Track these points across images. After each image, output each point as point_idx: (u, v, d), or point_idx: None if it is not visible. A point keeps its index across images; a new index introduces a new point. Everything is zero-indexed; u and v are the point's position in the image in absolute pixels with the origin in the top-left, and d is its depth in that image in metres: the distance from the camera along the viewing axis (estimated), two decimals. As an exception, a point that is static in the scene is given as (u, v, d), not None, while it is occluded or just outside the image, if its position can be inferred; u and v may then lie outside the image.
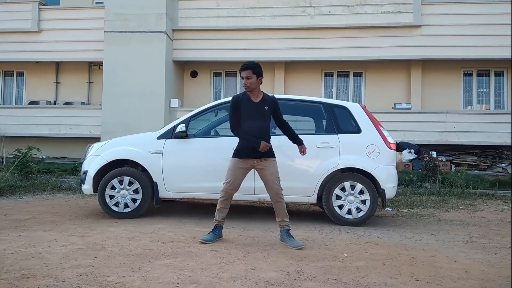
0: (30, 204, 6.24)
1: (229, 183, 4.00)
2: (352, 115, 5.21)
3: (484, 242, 4.38)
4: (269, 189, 4.01)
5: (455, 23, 10.43)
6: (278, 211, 4.02)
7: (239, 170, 4.01)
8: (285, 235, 3.99)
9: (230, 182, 3.99)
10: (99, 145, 5.46)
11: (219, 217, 4.07)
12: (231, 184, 4.00)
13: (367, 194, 4.96)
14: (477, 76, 11.30)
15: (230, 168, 4.04)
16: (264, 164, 3.99)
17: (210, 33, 11.11)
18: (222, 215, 4.07)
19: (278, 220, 4.04)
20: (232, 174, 4.00)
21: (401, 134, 10.15)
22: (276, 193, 3.97)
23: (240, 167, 4.01)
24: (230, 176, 4.00)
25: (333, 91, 11.77)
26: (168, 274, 3.00)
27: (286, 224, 4.01)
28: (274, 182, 3.97)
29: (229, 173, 4.02)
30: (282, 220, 4.01)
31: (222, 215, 4.07)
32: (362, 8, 10.62)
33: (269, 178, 3.98)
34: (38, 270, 3.03)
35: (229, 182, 3.99)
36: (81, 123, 11.49)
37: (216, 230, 4.05)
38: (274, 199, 4.00)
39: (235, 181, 4.00)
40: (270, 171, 4.00)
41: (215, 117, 5.63)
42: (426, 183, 8.35)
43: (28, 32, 11.67)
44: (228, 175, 4.02)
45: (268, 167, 4.00)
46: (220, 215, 4.07)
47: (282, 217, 4.00)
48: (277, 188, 3.97)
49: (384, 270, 3.25)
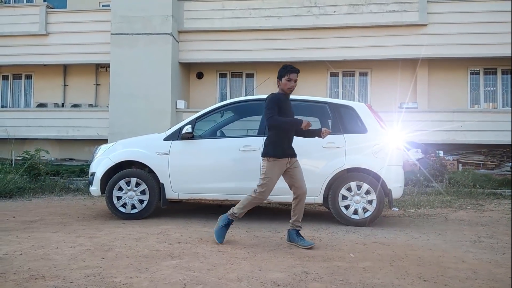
0: (39, 205, 6.30)
1: (267, 188, 3.84)
2: (358, 115, 5.20)
3: (492, 242, 4.34)
4: (300, 188, 3.93)
5: (461, 21, 10.37)
6: (299, 211, 3.97)
7: (278, 172, 3.88)
8: (295, 235, 3.97)
9: (269, 187, 3.85)
10: (106, 147, 5.50)
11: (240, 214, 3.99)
12: (268, 190, 3.86)
13: (374, 194, 4.95)
14: (484, 75, 11.22)
15: (268, 171, 3.85)
16: (295, 164, 3.99)
17: (216, 34, 11.15)
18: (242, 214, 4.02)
19: (294, 220, 3.98)
20: (271, 178, 3.84)
21: (408, 134, 10.09)
22: (304, 192, 3.95)
23: (279, 169, 3.89)
24: (269, 180, 3.84)
25: (338, 91, 11.75)
26: (175, 275, 3.02)
27: (300, 224, 4.01)
28: (303, 182, 3.96)
29: (268, 177, 3.84)
30: (297, 220, 3.98)
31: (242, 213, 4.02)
32: (367, 7, 10.59)
33: (300, 177, 3.96)
34: (47, 271, 3.06)
35: (267, 186, 3.84)
36: (88, 125, 11.58)
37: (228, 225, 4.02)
38: (300, 198, 3.95)
39: (272, 186, 3.88)
40: (300, 169, 4.00)
41: (221, 118, 5.65)
42: (433, 183, 8.30)
43: (36, 35, 11.79)
44: (267, 180, 3.84)
45: (299, 166, 4.00)
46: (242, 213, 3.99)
47: (300, 217, 3.99)
48: (305, 188, 3.96)
49: (391, 270, 3.24)
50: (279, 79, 4.00)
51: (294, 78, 3.95)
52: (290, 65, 3.99)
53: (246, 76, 12.17)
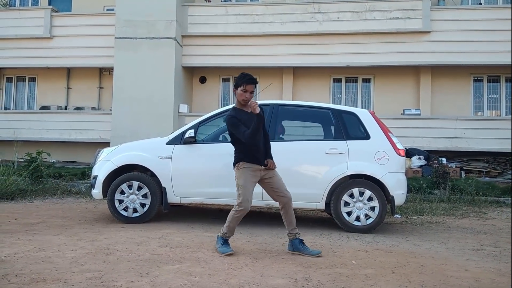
0: (40, 208, 6.30)
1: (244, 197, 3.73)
2: (360, 121, 5.19)
3: (495, 250, 4.32)
4: (284, 196, 3.84)
5: (464, 28, 10.37)
6: (290, 219, 3.88)
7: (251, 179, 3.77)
8: (298, 244, 3.87)
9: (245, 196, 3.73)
10: (109, 150, 5.51)
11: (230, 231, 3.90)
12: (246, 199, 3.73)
13: (376, 201, 4.93)
14: (487, 82, 11.20)
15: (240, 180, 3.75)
16: (273, 173, 3.89)
17: (219, 39, 11.19)
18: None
19: (290, 229, 3.89)
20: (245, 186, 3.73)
21: (411, 140, 10.09)
22: (289, 199, 3.86)
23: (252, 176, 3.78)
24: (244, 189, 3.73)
25: (341, 97, 11.75)
26: (176, 280, 3.01)
27: (298, 232, 3.92)
28: (285, 189, 3.88)
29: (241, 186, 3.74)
30: (294, 228, 3.89)
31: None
32: (370, 14, 10.61)
33: (281, 184, 3.87)
34: (48, 274, 3.06)
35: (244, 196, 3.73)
36: (91, 128, 11.61)
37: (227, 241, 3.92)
38: (288, 205, 3.85)
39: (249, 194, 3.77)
40: (279, 177, 3.92)
41: (223, 123, 5.65)
42: (436, 190, 8.27)
43: (40, 38, 11.85)
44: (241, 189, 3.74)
45: (276, 175, 3.91)
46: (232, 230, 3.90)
47: (294, 225, 3.90)
48: (289, 194, 3.87)
49: (393, 278, 3.22)
50: (235, 89, 3.78)
51: (250, 89, 3.72)
52: (248, 74, 3.75)
53: (249, 81, 12.16)
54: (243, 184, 3.75)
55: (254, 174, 3.80)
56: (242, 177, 3.78)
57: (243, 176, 3.78)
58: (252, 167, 3.80)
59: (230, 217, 3.83)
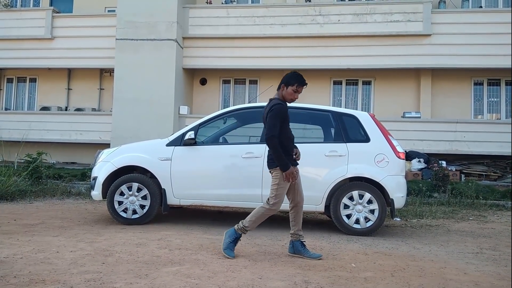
0: (40, 209, 6.30)
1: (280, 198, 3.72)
2: (360, 124, 5.19)
3: (495, 254, 4.31)
4: (301, 195, 3.89)
5: (465, 32, 10.38)
6: (298, 220, 3.89)
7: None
8: (300, 246, 3.87)
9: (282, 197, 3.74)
10: (109, 151, 5.51)
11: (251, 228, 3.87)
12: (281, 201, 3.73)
13: (376, 204, 4.93)
14: (488, 85, 11.20)
15: (281, 181, 3.69)
16: (298, 174, 3.90)
17: (220, 41, 11.21)
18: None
19: (296, 230, 3.87)
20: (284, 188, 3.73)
21: (411, 143, 10.08)
22: (303, 200, 3.91)
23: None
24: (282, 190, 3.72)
25: (341, 99, 11.75)
26: (175, 282, 3.00)
27: (302, 235, 3.92)
28: (302, 190, 3.92)
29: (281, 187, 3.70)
30: (299, 230, 3.89)
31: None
32: (371, 16, 10.63)
33: (301, 185, 3.91)
34: (47, 275, 3.06)
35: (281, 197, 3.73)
36: (91, 129, 11.61)
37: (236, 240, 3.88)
38: (300, 206, 3.88)
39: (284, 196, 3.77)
40: (300, 177, 3.94)
41: (224, 125, 5.66)
42: (436, 193, 8.26)
43: (41, 39, 11.87)
44: (280, 190, 3.70)
45: (300, 176, 3.93)
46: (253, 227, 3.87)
47: (300, 227, 3.90)
48: (303, 196, 3.92)
49: (392, 281, 3.22)
50: (285, 86, 3.78)
51: (301, 91, 3.81)
52: (301, 76, 3.78)
53: (250, 83, 12.20)
54: (284, 186, 3.73)
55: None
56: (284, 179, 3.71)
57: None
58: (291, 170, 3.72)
59: (258, 213, 3.77)
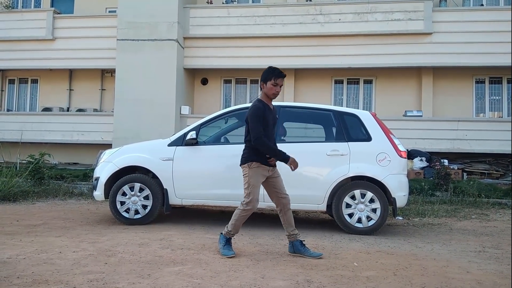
0: (42, 209, 6.31)
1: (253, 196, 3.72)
2: (362, 123, 5.19)
3: (497, 252, 4.31)
4: (282, 198, 3.86)
5: (466, 30, 10.36)
6: (289, 220, 3.88)
7: (261, 179, 3.77)
8: (300, 246, 3.87)
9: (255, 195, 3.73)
10: (111, 152, 5.52)
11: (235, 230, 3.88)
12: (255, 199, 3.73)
13: (378, 203, 4.93)
14: (489, 84, 11.19)
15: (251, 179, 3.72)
16: (276, 173, 3.91)
17: (221, 41, 11.21)
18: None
19: (290, 230, 3.88)
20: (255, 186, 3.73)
21: (412, 142, 10.07)
22: (289, 200, 3.88)
23: (262, 176, 3.78)
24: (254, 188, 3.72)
25: (343, 98, 11.75)
26: (177, 282, 3.01)
27: (297, 233, 3.92)
28: (285, 190, 3.90)
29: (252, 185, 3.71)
30: (293, 230, 3.89)
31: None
32: (372, 15, 10.62)
33: (282, 185, 3.89)
34: (50, 275, 3.07)
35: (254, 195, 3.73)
36: (93, 129, 11.64)
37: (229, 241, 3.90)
38: (287, 207, 3.87)
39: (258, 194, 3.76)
40: (281, 178, 3.93)
41: (225, 124, 5.66)
42: (438, 192, 8.25)
43: (43, 40, 11.90)
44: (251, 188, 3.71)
45: (279, 175, 3.93)
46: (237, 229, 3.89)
47: (293, 226, 3.90)
48: (288, 196, 3.90)
49: (394, 280, 3.22)
50: (264, 83, 3.77)
51: (280, 83, 3.75)
52: (277, 69, 3.77)
53: (251, 82, 12.20)
54: (254, 183, 3.74)
55: (263, 174, 3.81)
56: (254, 177, 3.75)
57: (255, 176, 3.76)
58: (264, 168, 3.79)
59: (236, 215, 3.81)
